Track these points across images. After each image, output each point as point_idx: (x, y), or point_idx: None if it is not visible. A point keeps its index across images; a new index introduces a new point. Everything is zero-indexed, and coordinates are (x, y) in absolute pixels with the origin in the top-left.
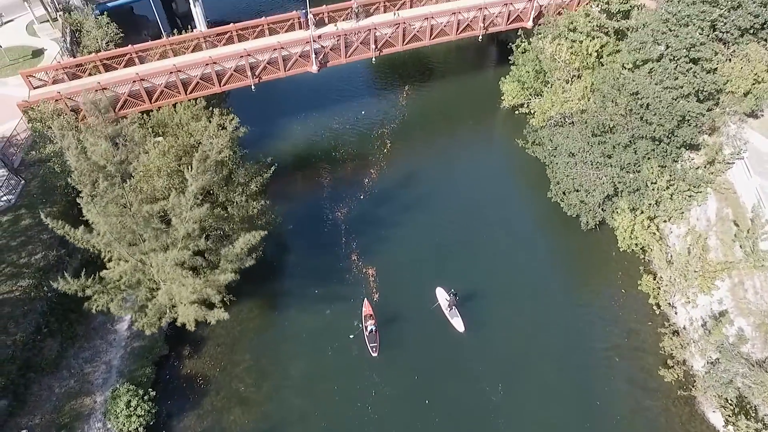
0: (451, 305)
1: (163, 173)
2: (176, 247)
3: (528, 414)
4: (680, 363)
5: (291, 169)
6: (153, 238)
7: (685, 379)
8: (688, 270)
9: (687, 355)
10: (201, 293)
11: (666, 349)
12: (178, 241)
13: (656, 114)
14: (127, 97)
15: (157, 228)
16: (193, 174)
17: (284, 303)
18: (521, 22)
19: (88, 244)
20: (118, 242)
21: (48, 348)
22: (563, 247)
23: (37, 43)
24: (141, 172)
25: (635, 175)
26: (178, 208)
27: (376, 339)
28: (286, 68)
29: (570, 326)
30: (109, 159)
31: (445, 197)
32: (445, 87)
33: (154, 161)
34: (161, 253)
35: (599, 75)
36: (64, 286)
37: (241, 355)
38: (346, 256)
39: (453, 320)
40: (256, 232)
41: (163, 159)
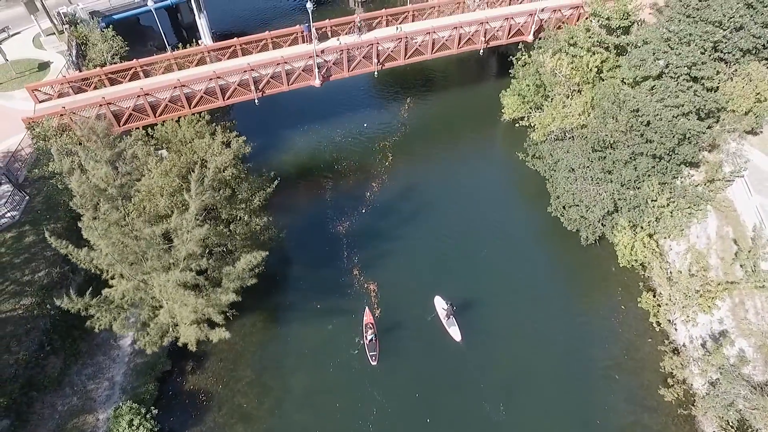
0: (449, 314)
1: (166, 192)
2: (178, 267)
3: (528, 428)
4: (680, 382)
5: (294, 181)
6: (155, 259)
7: (685, 398)
8: (688, 289)
9: (687, 374)
10: (202, 313)
11: (666, 368)
12: (180, 262)
13: (657, 132)
14: (132, 112)
15: (159, 248)
16: (191, 195)
17: (286, 317)
18: (522, 35)
19: (91, 265)
20: (119, 263)
21: (51, 366)
22: (563, 262)
23: (43, 55)
24: (143, 191)
25: (635, 192)
26: (179, 228)
27: (375, 348)
28: (290, 82)
29: (569, 341)
30: (109, 182)
31: (446, 210)
32: (446, 99)
33: (156, 181)
34: (163, 274)
35: (600, 91)
36: (67, 304)
37: (243, 370)
38: (347, 270)
39: (450, 329)
40: (257, 253)
41: (165, 179)
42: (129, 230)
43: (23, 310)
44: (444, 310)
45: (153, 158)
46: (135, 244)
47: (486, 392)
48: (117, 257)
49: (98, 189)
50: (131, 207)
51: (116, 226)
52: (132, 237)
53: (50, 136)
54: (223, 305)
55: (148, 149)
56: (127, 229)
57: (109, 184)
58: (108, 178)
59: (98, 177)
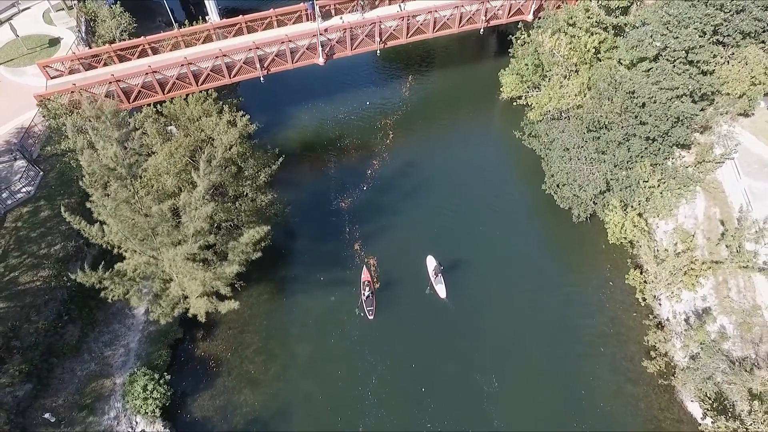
0: (437, 273)
1: (172, 172)
2: (186, 242)
3: (515, 397)
4: (662, 355)
5: (298, 157)
6: (164, 234)
7: (666, 370)
8: (674, 267)
9: (669, 348)
10: (210, 286)
11: (650, 342)
12: (189, 238)
13: (651, 114)
14: (141, 89)
15: (168, 225)
16: (199, 175)
17: (291, 288)
18: (522, 15)
19: (102, 240)
20: (130, 239)
21: (69, 334)
22: (554, 237)
23: (53, 31)
24: (151, 171)
25: (627, 172)
26: (187, 206)
27: (372, 303)
28: (294, 60)
29: (557, 312)
30: (118, 162)
31: (444, 185)
32: (446, 77)
33: (163, 161)
34: (172, 249)
35: (596, 71)
36: (82, 278)
37: (251, 338)
38: (349, 244)
39: (437, 287)
40: (260, 228)
41: (170, 159)
42: (138, 208)
43: (41, 282)
44: (433, 268)
45: (159, 139)
46: (144, 221)
47: (475, 357)
48: (127, 234)
49: (108, 168)
50: (140, 185)
51: (125, 203)
52: (141, 214)
53: (61, 114)
54: (229, 277)
55: (158, 126)
56: (136, 207)
57: (118, 164)
58: (117, 158)
59: (107, 156)
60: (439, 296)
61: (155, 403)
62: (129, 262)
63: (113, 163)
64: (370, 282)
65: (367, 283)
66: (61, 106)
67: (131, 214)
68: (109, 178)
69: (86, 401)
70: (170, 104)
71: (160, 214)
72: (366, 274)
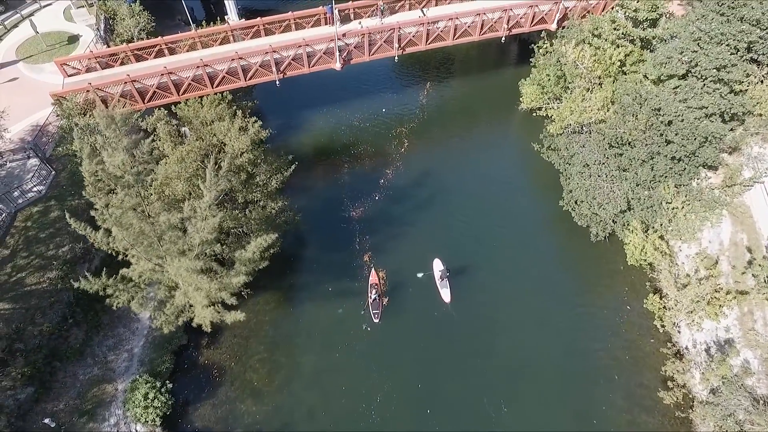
0: (443, 277)
1: (183, 177)
2: (193, 252)
3: (525, 425)
4: (680, 386)
5: (311, 162)
6: (171, 243)
7: (684, 401)
8: (696, 295)
9: (688, 378)
10: (216, 297)
11: (668, 372)
12: (195, 247)
13: (678, 133)
14: (156, 89)
15: (174, 234)
16: (207, 185)
17: (299, 297)
18: (545, 24)
19: (108, 247)
20: (135, 247)
21: (73, 337)
22: (570, 255)
23: (73, 28)
24: (161, 177)
25: (650, 192)
26: (193, 217)
27: (379, 306)
28: (310, 64)
29: (571, 334)
30: (126, 170)
31: (458, 197)
32: (465, 84)
33: (173, 167)
34: (177, 259)
35: (621, 86)
36: (85, 285)
37: (255, 347)
38: (359, 254)
39: (441, 290)
40: (267, 236)
41: (181, 164)
42: (145, 215)
43: (48, 284)
44: (440, 272)
45: (171, 142)
46: (151, 228)
47: (483, 378)
48: (132, 241)
49: (114, 176)
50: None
51: (132, 211)
52: (148, 223)
53: (75, 114)
54: (235, 287)
55: (171, 129)
56: (143, 215)
57: (126, 171)
58: (125, 166)
59: (114, 164)
60: (443, 300)
61: (156, 412)
62: (134, 268)
63: (120, 170)
64: (378, 284)
65: (375, 285)
66: (75, 105)
67: (138, 222)
68: (116, 186)
69: (87, 407)
70: (185, 106)
71: (166, 223)
72: (374, 277)
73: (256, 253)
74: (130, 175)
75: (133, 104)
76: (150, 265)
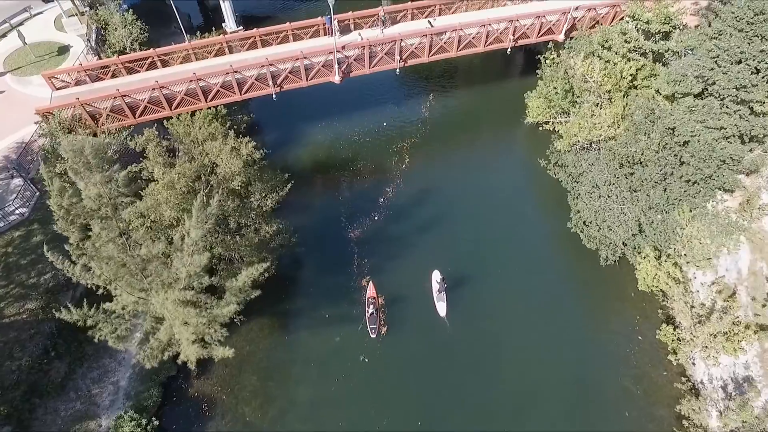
0: (441, 290)
1: (172, 203)
2: (179, 285)
3: None
4: (696, 426)
5: (308, 178)
6: (155, 275)
7: None
8: (712, 329)
9: (704, 417)
10: (204, 332)
11: (682, 411)
12: (181, 281)
13: (694, 156)
14: (147, 104)
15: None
16: (194, 223)
17: (294, 324)
18: (553, 34)
19: (88, 282)
20: (116, 281)
21: (55, 370)
22: (578, 278)
23: (63, 38)
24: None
25: (663, 216)
26: (178, 251)
27: (376, 321)
28: (308, 77)
29: (578, 363)
30: (102, 203)
31: (461, 217)
32: (468, 95)
33: (162, 193)
34: (162, 292)
35: (633, 102)
36: (66, 315)
37: (248, 377)
38: (357, 278)
39: (438, 303)
40: (259, 265)
41: (170, 191)
42: (126, 247)
43: (28, 315)
44: (437, 284)
45: (160, 166)
46: (132, 261)
47: (487, 412)
48: (113, 276)
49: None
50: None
51: (111, 243)
52: (130, 255)
53: (58, 133)
54: (226, 318)
55: (161, 150)
56: (123, 246)
57: (103, 204)
58: (101, 199)
59: (89, 197)
60: (439, 314)
61: None
62: (117, 301)
63: (96, 204)
64: (375, 298)
65: (372, 299)
66: (62, 122)
67: (118, 253)
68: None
69: None
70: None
71: (148, 256)
72: (372, 290)
73: (247, 283)
74: (107, 208)
75: (124, 119)
76: (133, 298)
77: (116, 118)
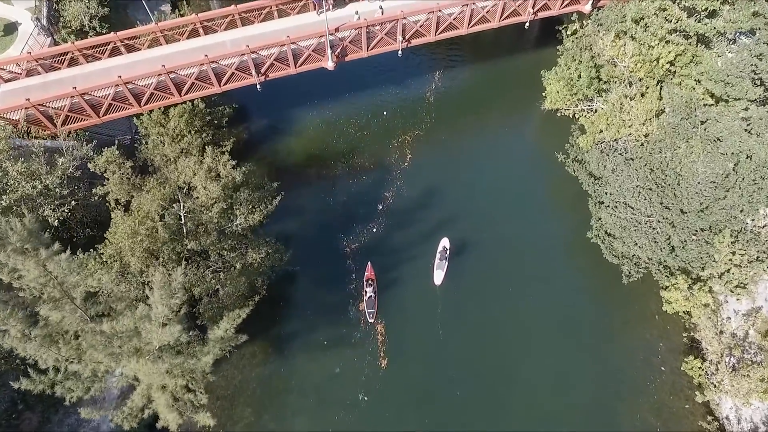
0: (443, 257)
1: (138, 252)
2: (151, 353)
3: None
4: None
5: (300, 177)
6: (124, 342)
7: None
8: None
9: None
10: (183, 399)
11: None
12: (153, 350)
13: (745, 178)
14: (112, 101)
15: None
16: (156, 300)
17: (289, 349)
18: (578, 4)
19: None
20: (77, 361)
21: (26, 423)
22: (597, 295)
23: (11, 14)
24: (109, 251)
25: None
26: (147, 321)
27: (374, 305)
28: (297, 64)
29: (595, 390)
30: (45, 282)
31: (469, 220)
32: (477, 73)
33: (124, 240)
34: (133, 359)
35: (670, 94)
36: (28, 385)
37: (241, 410)
38: (357, 296)
39: (436, 271)
40: (240, 311)
41: (132, 239)
42: (85, 319)
43: None
44: (440, 252)
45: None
46: (92, 338)
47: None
48: (72, 354)
49: (31, 298)
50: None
51: (66, 322)
52: (90, 332)
53: (4, 149)
54: (206, 365)
55: (124, 170)
56: (82, 319)
57: (46, 285)
58: (49, 275)
59: (30, 280)
60: (434, 282)
61: None
62: (86, 364)
63: (39, 286)
64: (373, 280)
65: (371, 281)
66: (8, 132)
67: (76, 329)
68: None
69: None
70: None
71: (112, 332)
72: (370, 271)
73: (229, 331)
74: (54, 288)
75: (86, 119)
76: (102, 366)
77: (77, 118)
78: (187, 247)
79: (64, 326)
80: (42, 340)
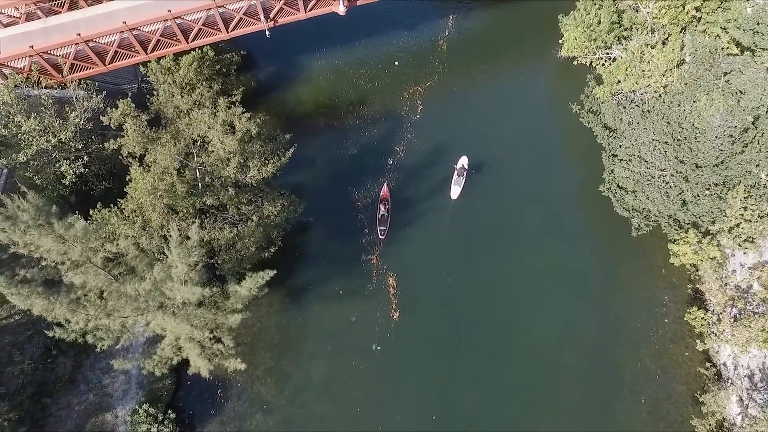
0: (461, 174)
1: (158, 208)
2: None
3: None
4: (715, 413)
5: (310, 127)
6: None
7: (719, 429)
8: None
9: (726, 408)
10: (211, 347)
11: (706, 406)
12: (177, 305)
13: (765, 133)
14: (117, 48)
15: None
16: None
17: (305, 299)
18: None
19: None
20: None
21: (61, 367)
22: (605, 247)
23: None
24: (130, 206)
25: (712, 196)
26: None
27: (386, 223)
28: (307, 9)
29: (597, 338)
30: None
31: (480, 172)
32: (494, 19)
33: (144, 197)
34: (159, 314)
35: (693, 46)
36: (60, 333)
37: (261, 355)
38: (370, 248)
39: (453, 187)
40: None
41: (153, 195)
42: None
43: (21, 316)
44: (459, 169)
45: (140, 144)
46: (118, 298)
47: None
48: (101, 315)
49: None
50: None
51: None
52: (114, 291)
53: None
54: (232, 325)
55: (140, 121)
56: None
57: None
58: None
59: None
60: (451, 197)
61: None
62: (115, 317)
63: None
64: (388, 200)
65: (386, 200)
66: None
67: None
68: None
69: None
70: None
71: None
72: (385, 191)
73: (252, 290)
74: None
75: (92, 66)
76: (130, 320)
77: (83, 66)
78: (206, 203)
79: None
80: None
